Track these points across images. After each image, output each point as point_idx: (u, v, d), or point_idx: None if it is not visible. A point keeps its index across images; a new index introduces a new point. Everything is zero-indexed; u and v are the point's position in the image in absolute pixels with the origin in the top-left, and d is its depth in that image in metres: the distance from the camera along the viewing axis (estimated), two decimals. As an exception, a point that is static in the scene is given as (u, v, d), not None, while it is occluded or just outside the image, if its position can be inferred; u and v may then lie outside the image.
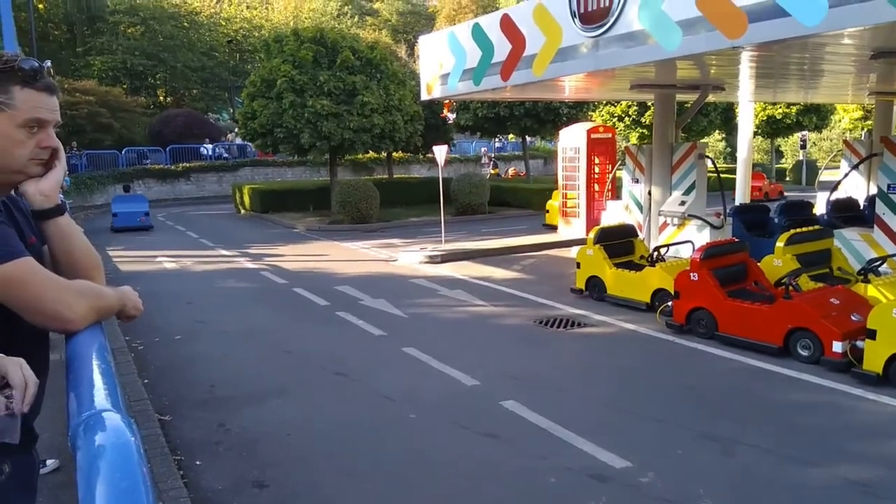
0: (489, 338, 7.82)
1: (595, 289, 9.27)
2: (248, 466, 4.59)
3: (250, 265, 13.05)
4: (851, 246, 8.93)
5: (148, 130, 32.92)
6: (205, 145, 31.75)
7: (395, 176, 27.90)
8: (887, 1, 5.39)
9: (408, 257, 13.25)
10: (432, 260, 12.88)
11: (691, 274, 7.36)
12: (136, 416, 5.06)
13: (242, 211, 24.46)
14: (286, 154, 21.36)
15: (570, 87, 11.87)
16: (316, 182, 26.56)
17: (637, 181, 11.70)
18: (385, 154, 26.30)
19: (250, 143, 24.92)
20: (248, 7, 50.40)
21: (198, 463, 4.65)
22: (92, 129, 28.19)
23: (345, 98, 18.91)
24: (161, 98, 42.49)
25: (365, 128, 19.04)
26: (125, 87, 36.61)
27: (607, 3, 7.76)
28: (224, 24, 45.57)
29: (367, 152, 24.07)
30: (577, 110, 24.09)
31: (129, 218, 19.13)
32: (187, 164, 30.29)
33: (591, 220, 14.91)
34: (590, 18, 8.03)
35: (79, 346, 1.47)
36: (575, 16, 8.22)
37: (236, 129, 30.92)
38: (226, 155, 32.13)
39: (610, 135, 16.35)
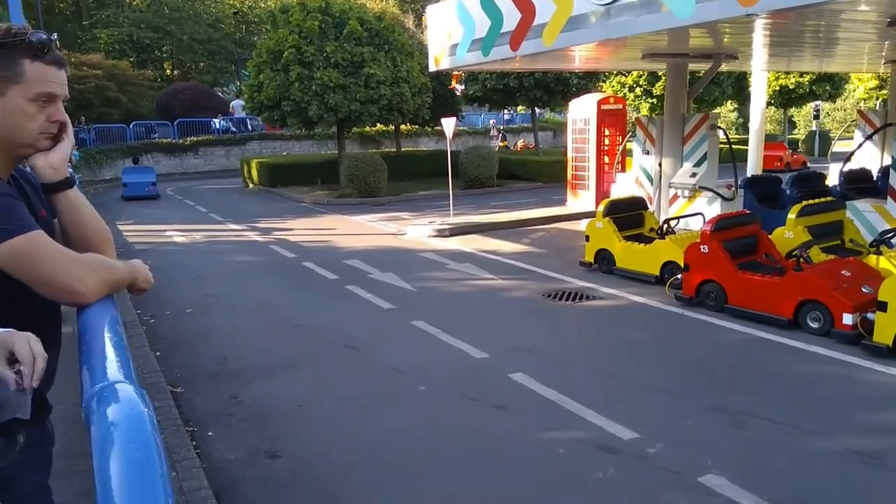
0: (497, 311, 7.83)
1: (604, 262, 9.25)
2: (260, 437, 4.65)
3: (259, 239, 13.09)
4: (864, 217, 8.84)
5: (155, 104, 32.83)
6: (215, 119, 31.66)
7: (402, 149, 27.78)
8: (906, -34, 5.27)
9: (416, 231, 13.24)
10: (441, 233, 12.87)
11: (701, 246, 7.32)
12: (148, 389, 5.12)
13: (251, 185, 24.46)
14: (294, 128, 21.28)
15: (581, 56, 11.71)
16: (324, 156, 26.48)
17: (648, 153, 11.59)
18: (393, 127, 26.16)
19: (257, 117, 24.82)
20: (253, -22, 49.80)
21: (210, 434, 4.72)
22: (100, 103, 28.13)
23: (352, 70, 18.75)
24: (168, 71, 42.31)
25: (372, 99, 18.90)
26: (132, 60, 36.44)
27: (618, -29, 7.60)
28: (230, -6, 45.14)
29: (375, 125, 23.93)
30: (587, 81, 23.80)
31: (139, 188, 20.52)
32: (195, 138, 30.24)
33: (601, 193, 14.80)
34: (601, -14, 7.88)
35: (91, 319, 1.48)
36: (586, -16, 8.07)
37: (241, 103, 30.80)
38: (233, 129, 32.04)
39: (620, 106, 16.15)
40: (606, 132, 15.57)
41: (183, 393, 5.46)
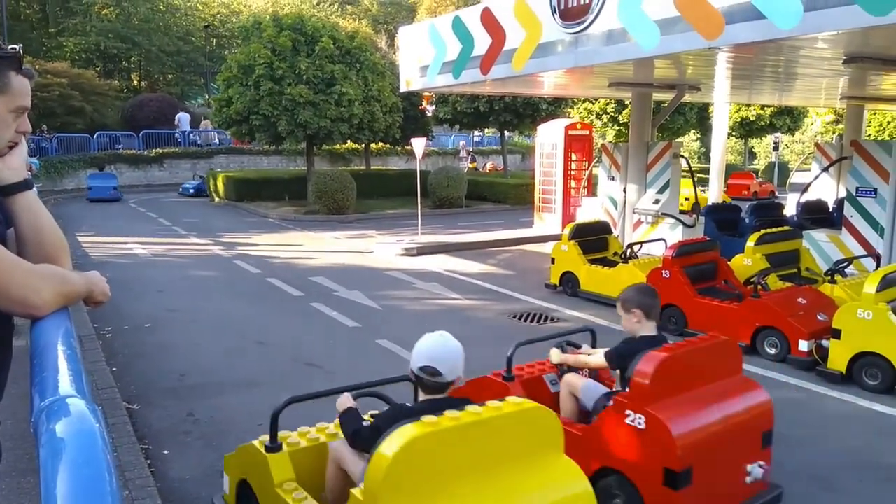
0: (462, 331, 7.78)
1: (569, 284, 9.34)
2: (216, 456, 4.55)
3: (223, 254, 12.91)
4: (819, 247, 9.11)
5: (121, 115, 32.32)
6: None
7: (372, 167, 27.78)
8: (860, 6, 5.50)
9: (384, 249, 13.22)
10: (408, 252, 12.87)
11: (663, 271, 7.45)
12: (103, 405, 4.99)
13: (216, 199, 24.18)
14: (262, 142, 21.17)
15: (550, 83, 11.92)
16: (292, 171, 26.35)
17: (613, 178, 11.80)
18: (363, 145, 26.17)
19: (224, 131, 24.68)
20: (226, -8, 49.69)
21: (165, 452, 4.60)
22: (63, 112, 27.60)
23: (323, 87, 18.76)
24: (135, 82, 41.78)
25: (343, 117, 18.92)
26: (98, 69, 35.91)
27: (587, 1, 7.80)
28: (201, 8, 44.90)
29: (345, 142, 23.94)
30: (555, 106, 24.19)
31: (102, 191, 23.60)
32: (160, 150, 29.82)
33: (567, 216, 15.00)
34: (570, 15, 8.08)
35: (44, 332, 1.45)
36: (555, 12, 8.26)
37: (187, 116, 30.55)
38: (199, 142, 31.70)
39: (587, 132, 16.44)
40: (573, 157, 15.81)
41: (139, 409, 5.33)
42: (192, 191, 26.29)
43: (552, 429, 2.73)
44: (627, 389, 3.54)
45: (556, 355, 4.42)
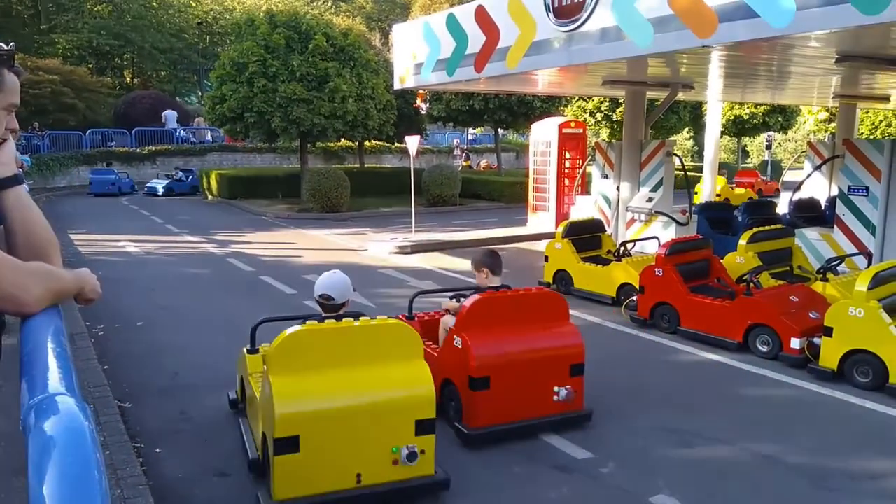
0: (457, 329, 7.83)
1: (562, 282, 9.35)
2: (209, 455, 4.55)
3: (216, 252, 12.87)
4: (812, 245, 9.16)
5: (113, 112, 32.17)
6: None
7: (366, 165, 27.75)
8: (853, 5, 5.52)
9: (377, 247, 13.20)
10: (402, 250, 12.86)
11: (656, 269, 7.46)
12: (95, 403, 4.97)
13: (209, 197, 24.10)
14: (256, 139, 21.11)
15: (544, 80, 11.93)
16: (285, 169, 26.30)
17: (606, 177, 11.83)
18: (357, 143, 26.13)
19: (218, 128, 24.60)
20: (219, -11, 49.46)
21: (158, 451, 4.59)
22: (55, 109, 27.47)
23: (316, 84, 18.72)
24: (128, 79, 41.57)
25: (337, 114, 18.88)
26: (91, 66, 35.71)
27: (581, -1, 7.80)
28: (195, 4, 44.70)
29: (339, 140, 23.91)
30: (549, 104, 24.21)
31: (102, 185, 24.39)
32: (153, 148, 29.70)
33: (561, 214, 15.03)
34: (564, 13, 8.08)
35: (34, 330, 1.44)
36: (549, 10, 8.26)
37: (174, 114, 30.40)
38: (193, 139, 31.59)
39: (581, 130, 16.47)
40: (567, 155, 15.84)
41: (131, 408, 5.31)
42: (160, 191, 24.52)
43: (412, 341, 3.93)
44: None
45: (445, 303, 5.60)
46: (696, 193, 12.89)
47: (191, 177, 25.92)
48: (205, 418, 5.15)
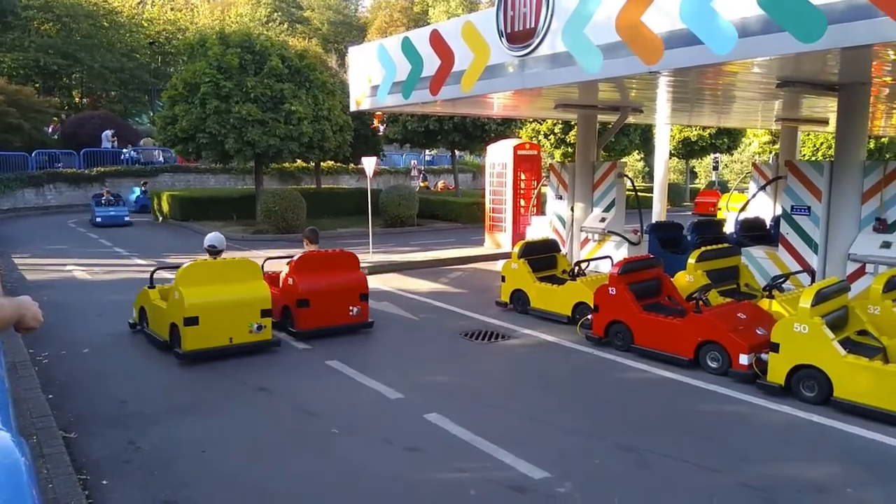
0: (415, 350, 7.81)
1: (519, 302, 9.43)
2: (159, 486, 4.41)
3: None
4: (758, 263, 9.43)
5: (60, 132, 31.31)
6: (124, 149, 30.53)
7: (323, 186, 27.60)
8: (791, 33, 5.78)
9: (334, 269, 13.09)
10: (359, 272, 12.78)
11: (610, 288, 7.59)
12: (38, 434, 4.78)
13: (160, 219, 23.59)
14: (209, 161, 20.79)
15: (498, 103, 12.09)
16: (240, 190, 25.95)
17: (561, 198, 12.01)
18: (313, 164, 25.98)
19: (169, 149, 24.14)
20: (172, 9, 48.91)
21: (105, 483, 4.43)
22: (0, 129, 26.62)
23: (272, 105, 18.60)
24: (76, 99, 40.56)
25: (292, 136, 18.76)
26: (37, 86, 34.75)
27: (532, 25, 7.97)
28: (146, 25, 44.05)
29: (295, 161, 23.72)
30: (504, 127, 24.53)
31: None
32: (102, 169, 28.97)
33: (517, 234, 15.19)
34: (516, 38, 8.23)
35: (-31, 361, 1.41)
36: (502, 35, 8.40)
37: (109, 133, 29.83)
38: (142, 160, 30.94)
39: (535, 152, 16.73)
40: (522, 176, 16.07)
41: (76, 438, 5.12)
42: (101, 220, 21.32)
43: (255, 269, 7.49)
44: None
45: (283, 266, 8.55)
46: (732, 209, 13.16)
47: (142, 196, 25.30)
48: (154, 448, 5.00)
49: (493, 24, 8.50)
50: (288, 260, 8.31)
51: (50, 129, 32.33)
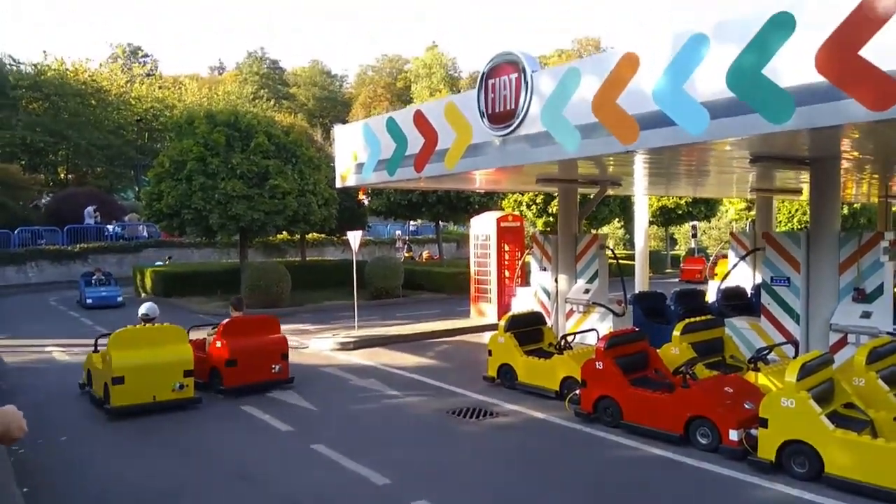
0: (402, 430, 7.68)
1: (507, 376, 9.36)
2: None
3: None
4: (741, 334, 9.50)
5: (45, 209, 31.32)
6: (109, 225, 30.54)
7: (308, 258, 27.61)
8: (761, 115, 6.03)
9: (319, 344, 12.99)
10: (345, 347, 12.68)
11: (596, 363, 7.58)
12: (10, 534, 4.60)
13: (143, 295, 23.36)
14: (193, 236, 20.79)
15: (481, 179, 12.35)
16: (224, 264, 25.85)
17: (545, 269, 12.12)
18: (298, 236, 26.08)
19: (154, 224, 24.14)
20: (160, 88, 49.91)
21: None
22: (-17, 207, 26.60)
23: (257, 181, 18.81)
24: (61, 175, 40.77)
25: (277, 210, 18.90)
26: (23, 163, 34.94)
27: (513, 106, 8.25)
28: (134, 102, 44.80)
29: (280, 233, 23.80)
30: (487, 198, 24.93)
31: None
32: (85, 245, 28.86)
33: (503, 305, 15.22)
34: (497, 119, 8.50)
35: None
36: (483, 115, 8.68)
37: (91, 209, 29.85)
38: (126, 236, 30.90)
39: (518, 223, 16.97)
40: (506, 247, 16.24)
41: (51, 536, 4.92)
42: (92, 301, 19.81)
43: (181, 334, 8.66)
44: None
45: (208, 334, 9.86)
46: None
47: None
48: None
49: (475, 105, 8.78)
50: (213, 326, 9.66)
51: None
